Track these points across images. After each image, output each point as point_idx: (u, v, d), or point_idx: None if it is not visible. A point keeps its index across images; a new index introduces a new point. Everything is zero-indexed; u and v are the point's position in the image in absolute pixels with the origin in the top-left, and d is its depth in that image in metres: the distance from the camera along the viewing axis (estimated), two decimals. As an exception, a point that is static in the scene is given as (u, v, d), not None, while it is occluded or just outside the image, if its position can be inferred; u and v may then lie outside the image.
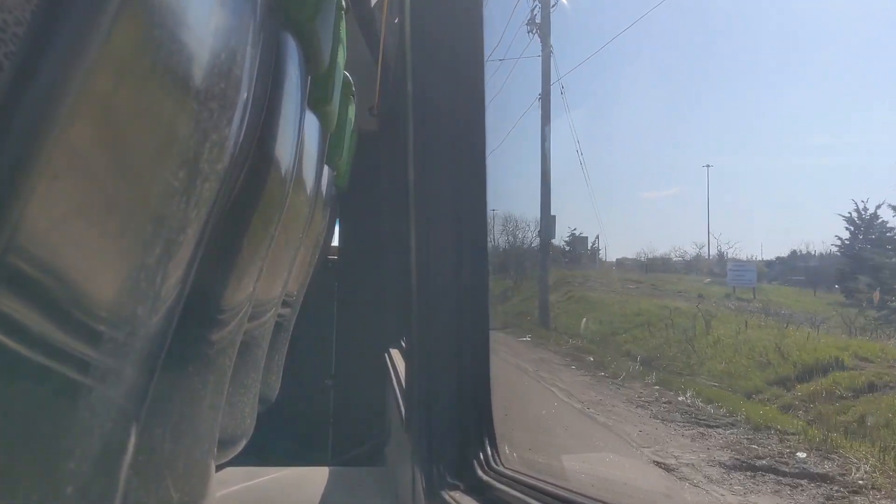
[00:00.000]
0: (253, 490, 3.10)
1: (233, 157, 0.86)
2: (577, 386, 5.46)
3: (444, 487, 1.37)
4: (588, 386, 5.47)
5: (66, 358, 0.59)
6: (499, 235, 7.59)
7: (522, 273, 8.54)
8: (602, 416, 4.63)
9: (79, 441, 0.63)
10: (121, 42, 0.56)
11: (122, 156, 0.61)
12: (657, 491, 2.08)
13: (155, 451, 1.07)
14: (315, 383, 4.37)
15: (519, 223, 8.29)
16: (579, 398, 5.07)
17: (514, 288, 8.36)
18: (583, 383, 5.55)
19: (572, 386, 5.43)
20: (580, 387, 5.41)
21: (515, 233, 8.51)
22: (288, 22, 1.29)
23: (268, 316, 1.86)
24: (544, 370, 6.08)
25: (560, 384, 5.46)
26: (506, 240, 7.80)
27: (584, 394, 5.19)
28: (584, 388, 5.39)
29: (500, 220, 7.63)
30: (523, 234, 7.85)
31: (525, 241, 8.03)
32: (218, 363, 1.27)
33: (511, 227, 7.98)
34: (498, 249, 7.79)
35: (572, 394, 5.19)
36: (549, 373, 5.95)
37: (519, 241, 8.08)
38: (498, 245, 7.44)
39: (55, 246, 0.54)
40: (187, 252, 0.79)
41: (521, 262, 8.43)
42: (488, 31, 1.54)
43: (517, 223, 8.22)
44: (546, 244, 8.36)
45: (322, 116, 1.82)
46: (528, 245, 7.74)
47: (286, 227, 1.60)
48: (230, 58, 0.77)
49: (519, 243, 8.25)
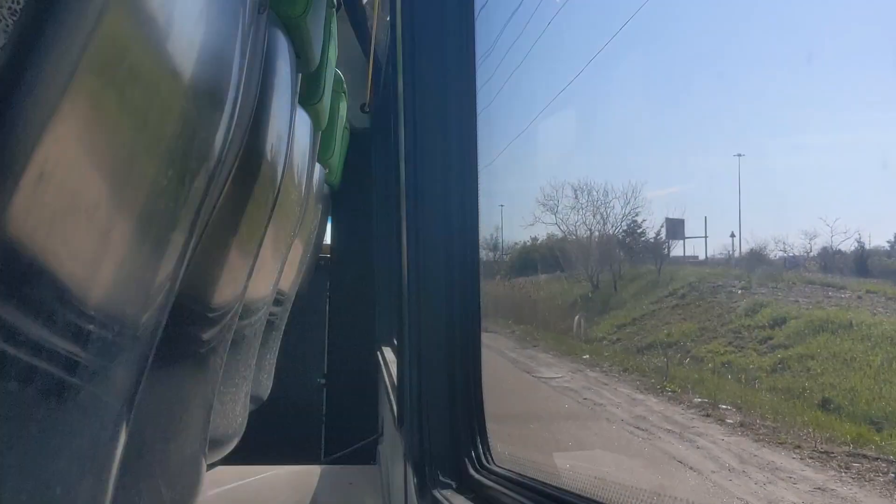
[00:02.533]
0: (245, 489, 3.10)
1: (222, 154, 0.85)
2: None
3: (436, 486, 1.37)
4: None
5: (54, 357, 0.58)
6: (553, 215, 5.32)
7: (609, 272, 5.52)
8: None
9: (67, 440, 0.62)
10: (107, 40, 0.56)
11: (110, 154, 0.60)
12: (649, 489, 2.09)
13: (146, 450, 1.07)
14: (307, 382, 4.37)
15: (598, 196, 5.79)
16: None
17: (600, 295, 5.54)
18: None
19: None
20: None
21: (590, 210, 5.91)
22: (278, 18, 1.29)
23: (259, 314, 1.86)
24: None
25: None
26: (572, 223, 4.99)
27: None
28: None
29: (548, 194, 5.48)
30: (604, 214, 4.87)
31: (606, 222, 4.99)
32: (209, 362, 1.27)
33: (584, 200, 5.54)
34: (550, 239, 5.37)
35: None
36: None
37: (598, 224, 5.02)
38: (554, 233, 5.09)
39: (43, 246, 0.54)
40: (177, 250, 0.78)
41: (609, 254, 5.47)
42: (479, 28, 1.53)
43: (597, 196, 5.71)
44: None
45: (313, 114, 1.82)
46: (611, 229, 4.97)
47: (277, 226, 1.60)
48: (220, 55, 0.77)
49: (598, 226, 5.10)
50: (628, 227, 4.72)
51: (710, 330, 3.85)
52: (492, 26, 1.93)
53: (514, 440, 2.19)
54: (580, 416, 3.39)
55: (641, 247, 4.95)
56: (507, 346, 4.51)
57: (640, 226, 4.62)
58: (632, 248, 5.10)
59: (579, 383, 3.76)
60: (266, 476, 3.31)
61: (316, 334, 4.42)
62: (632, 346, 4.26)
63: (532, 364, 4.23)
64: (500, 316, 5.16)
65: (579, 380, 3.82)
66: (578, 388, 3.73)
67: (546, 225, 5.24)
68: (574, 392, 3.69)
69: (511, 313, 5.35)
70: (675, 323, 4.22)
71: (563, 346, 4.58)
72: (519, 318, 5.30)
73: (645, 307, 4.56)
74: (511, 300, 5.56)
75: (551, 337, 4.79)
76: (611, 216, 4.74)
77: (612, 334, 4.56)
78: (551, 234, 5.56)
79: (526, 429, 3.07)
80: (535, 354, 4.44)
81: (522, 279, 5.95)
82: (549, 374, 4.05)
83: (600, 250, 5.22)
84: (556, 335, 4.87)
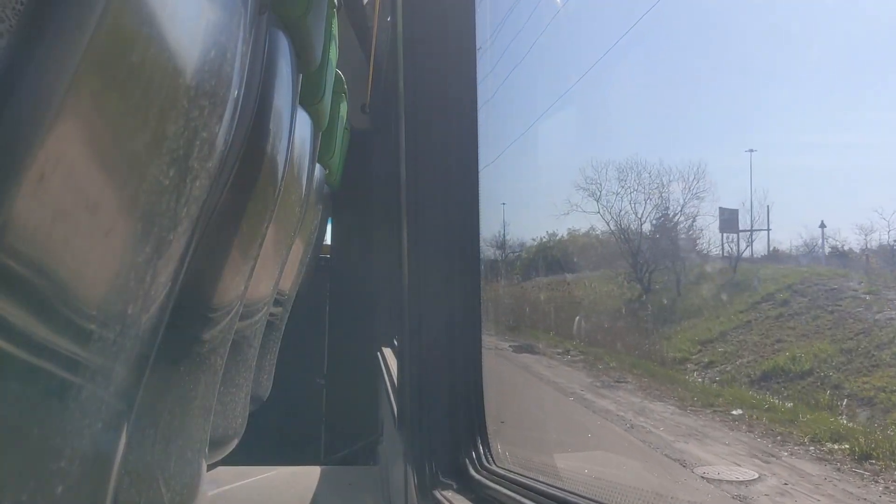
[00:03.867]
0: (245, 489, 3.10)
1: (223, 154, 0.85)
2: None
3: (436, 486, 1.37)
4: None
5: (55, 357, 0.58)
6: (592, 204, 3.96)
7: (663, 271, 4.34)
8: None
9: (69, 440, 0.62)
10: (109, 39, 0.56)
11: (111, 154, 0.60)
12: (649, 489, 2.03)
13: (146, 450, 1.06)
14: (307, 382, 4.37)
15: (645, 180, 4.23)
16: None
17: (656, 299, 4.18)
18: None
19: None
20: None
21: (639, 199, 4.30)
22: (279, 19, 1.29)
23: (259, 315, 1.86)
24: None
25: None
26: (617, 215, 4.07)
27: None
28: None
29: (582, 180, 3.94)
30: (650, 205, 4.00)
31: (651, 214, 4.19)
32: (209, 362, 1.27)
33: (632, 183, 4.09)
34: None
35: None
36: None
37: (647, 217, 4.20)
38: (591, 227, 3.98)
39: (44, 245, 0.54)
40: (178, 250, 0.78)
41: (666, 248, 4.42)
42: (480, 29, 1.54)
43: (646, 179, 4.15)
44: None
45: (313, 114, 1.82)
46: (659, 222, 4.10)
47: (278, 226, 1.60)
48: (221, 55, 0.76)
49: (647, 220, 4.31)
50: (687, 216, 3.86)
51: (861, 353, 2.71)
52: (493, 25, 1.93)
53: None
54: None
55: (699, 240, 3.90)
56: (581, 381, 3.32)
57: (703, 215, 3.79)
58: (693, 240, 4.01)
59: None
60: (266, 476, 3.31)
61: (316, 335, 4.42)
62: (739, 374, 3.00)
63: (672, 440, 2.65)
64: (534, 325, 4.28)
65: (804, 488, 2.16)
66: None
67: (586, 214, 4.27)
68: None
69: (547, 322, 4.36)
70: (790, 340, 3.06)
71: (672, 383, 3.14)
72: (561, 329, 4.22)
73: (733, 317, 3.46)
74: (539, 305, 4.59)
75: (635, 364, 3.40)
76: (670, 202, 3.91)
77: (696, 353, 3.42)
78: (580, 227, 4.50)
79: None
80: (646, 406, 3.01)
81: (543, 280, 4.90)
82: (730, 472, 2.36)
83: (654, 243, 4.19)
84: (640, 360, 3.49)
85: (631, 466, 1.86)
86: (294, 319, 2.98)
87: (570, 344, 3.69)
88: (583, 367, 3.39)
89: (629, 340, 3.72)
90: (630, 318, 3.98)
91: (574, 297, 4.39)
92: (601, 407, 2.95)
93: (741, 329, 3.26)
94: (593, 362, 3.54)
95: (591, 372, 3.35)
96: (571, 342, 3.73)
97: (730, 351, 3.16)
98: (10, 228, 0.50)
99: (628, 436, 2.66)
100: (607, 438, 2.39)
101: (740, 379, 2.98)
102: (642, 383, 3.20)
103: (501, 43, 2.48)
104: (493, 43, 2.13)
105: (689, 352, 3.33)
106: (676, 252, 4.03)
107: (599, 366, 3.49)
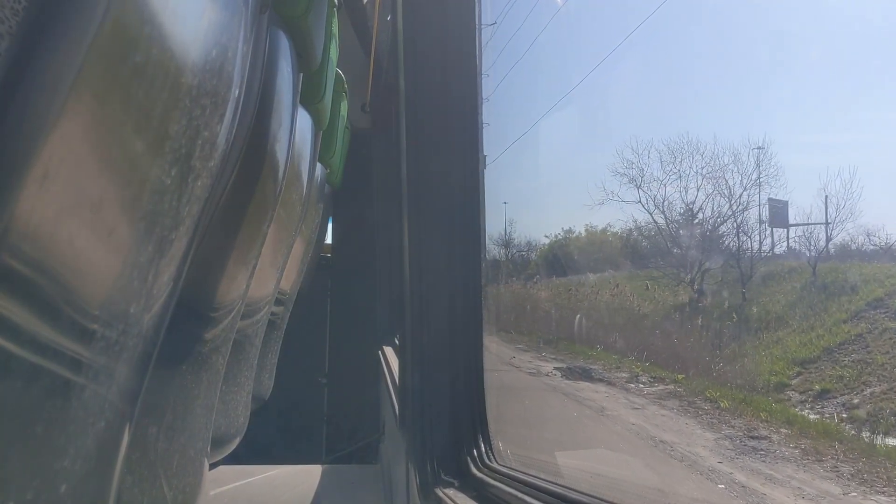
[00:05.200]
0: (246, 488, 3.10)
1: (225, 154, 0.85)
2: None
3: (438, 485, 1.37)
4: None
5: (58, 356, 0.58)
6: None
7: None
8: None
9: (72, 439, 0.63)
10: (111, 40, 0.56)
11: (114, 153, 0.60)
12: (651, 486, 2.00)
13: (149, 449, 1.07)
14: (308, 381, 4.37)
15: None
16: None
17: (715, 305, 3.42)
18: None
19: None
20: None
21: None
22: (280, 18, 1.29)
23: (261, 314, 1.86)
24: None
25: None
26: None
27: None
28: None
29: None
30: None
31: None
32: (211, 361, 1.27)
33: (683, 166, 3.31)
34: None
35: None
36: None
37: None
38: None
39: (47, 245, 0.54)
40: (180, 250, 0.78)
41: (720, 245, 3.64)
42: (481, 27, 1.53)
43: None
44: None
45: (314, 113, 1.82)
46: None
47: (279, 225, 1.60)
48: (222, 54, 0.77)
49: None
50: (745, 204, 3.12)
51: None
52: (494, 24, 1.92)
53: None
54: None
55: (758, 233, 3.15)
56: (705, 441, 2.26)
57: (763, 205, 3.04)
58: (753, 234, 3.24)
59: None
60: (267, 475, 3.31)
61: (317, 334, 4.42)
62: (878, 409, 2.22)
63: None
64: (570, 338, 3.57)
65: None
66: None
67: (624, 204, 3.56)
68: None
69: (586, 333, 3.61)
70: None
71: (834, 440, 2.16)
72: (608, 342, 3.42)
73: (835, 328, 2.77)
74: (569, 310, 3.96)
75: (747, 400, 2.52)
76: (729, 188, 3.17)
77: (796, 377, 2.67)
78: (615, 220, 3.74)
79: None
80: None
81: (563, 280, 4.28)
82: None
83: (706, 237, 3.46)
84: (752, 396, 2.53)
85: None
86: (295, 318, 2.98)
87: (634, 366, 2.92)
88: (678, 408, 2.49)
89: (698, 358, 2.97)
90: (684, 329, 3.27)
91: (592, 296, 3.89)
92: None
93: (853, 345, 2.54)
94: (686, 397, 2.62)
95: (699, 417, 2.44)
96: (632, 362, 3.01)
97: (847, 376, 2.40)
98: (13, 227, 0.50)
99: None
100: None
101: (885, 417, 2.13)
102: (799, 444, 2.12)
103: (535, 18, 2.37)
104: (513, 19, 2.06)
105: (786, 375, 2.57)
106: (735, 248, 3.29)
107: (703, 404, 2.54)
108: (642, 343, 3.33)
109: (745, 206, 3.52)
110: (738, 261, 3.32)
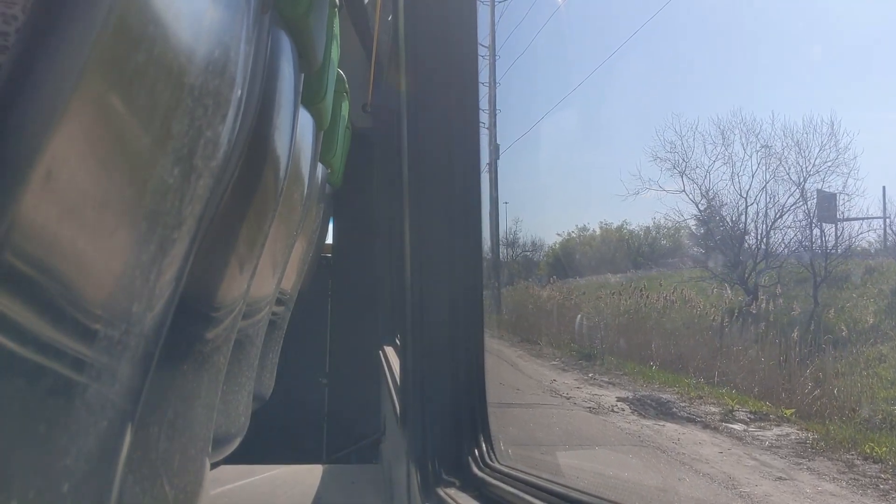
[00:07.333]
0: (247, 488, 3.10)
1: (227, 154, 0.85)
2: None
3: (439, 484, 1.37)
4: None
5: (61, 356, 0.58)
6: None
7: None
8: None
9: (74, 439, 0.63)
10: (114, 39, 0.56)
11: (117, 153, 0.60)
12: (652, 486, 1.95)
13: (150, 448, 1.07)
14: (309, 381, 4.37)
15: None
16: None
17: (777, 312, 2.61)
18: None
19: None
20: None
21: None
22: (281, 19, 1.29)
23: (262, 314, 1.86)
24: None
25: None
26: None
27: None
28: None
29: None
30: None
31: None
32: (212, 361, 1.27)
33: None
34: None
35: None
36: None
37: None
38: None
39: (49, 244, 0.54)
40: (182, 249, 0.78)
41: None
42: (482, 28, 1.54)
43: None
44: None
45: (315, 114, 1.82)
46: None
47: (280, 225, 1.60)
48: (224, 55, 0.77)
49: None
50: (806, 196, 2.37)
51: None
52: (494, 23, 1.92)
53: None
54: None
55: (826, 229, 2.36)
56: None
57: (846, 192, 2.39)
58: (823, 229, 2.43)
59: None
60: (268, 475, 3.32)
61: (318, 333, 4.42)
62: None
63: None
64: (613, 351, 2.89)
65: None
66: None
67: (666, 193, 3.11)
68: None
69: (629, 347, 2.99)
70: None
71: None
72: (663, 359, 2.74)
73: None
74: (605, 317, 3.27)
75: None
76: (795, 173, 2.53)
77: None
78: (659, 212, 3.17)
79: None
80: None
81: (583, 281, 3.79)
82: None
83: (765, 232, 2.66)
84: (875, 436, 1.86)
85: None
86: (296, 318, 2.98)
87: (718, 395, 2.21)
88: (838, 473, 1.79)
89: (782, 380, 2.31)
90: (744, 340, 2.55)
91: (624, 300, 3.29)
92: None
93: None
94: (832, 452, 1.90)
95: (889, 497, 1.65)
96: (709, 387, 2.36)
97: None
98: (16, 227, 0.50)
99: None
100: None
101: None
102: None
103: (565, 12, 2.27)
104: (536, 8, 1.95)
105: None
106: (800, 242, 2.61)
107: (866, 467, 1.77)
108: (702, 358, 2.70)
109: (806, 197, 2.93)
110: (811, 259, 2.57)
